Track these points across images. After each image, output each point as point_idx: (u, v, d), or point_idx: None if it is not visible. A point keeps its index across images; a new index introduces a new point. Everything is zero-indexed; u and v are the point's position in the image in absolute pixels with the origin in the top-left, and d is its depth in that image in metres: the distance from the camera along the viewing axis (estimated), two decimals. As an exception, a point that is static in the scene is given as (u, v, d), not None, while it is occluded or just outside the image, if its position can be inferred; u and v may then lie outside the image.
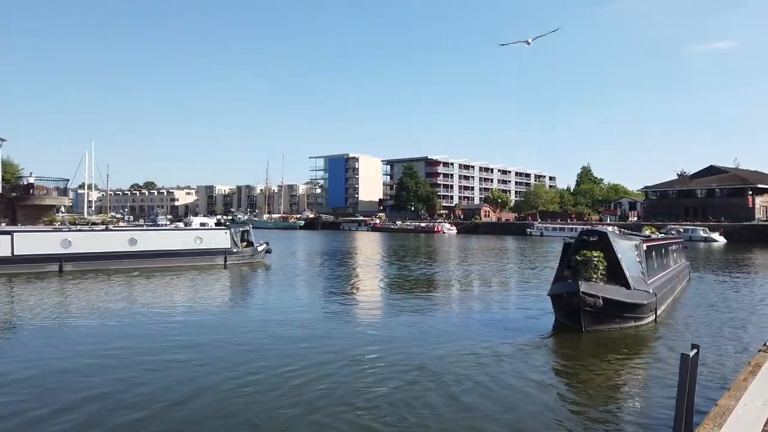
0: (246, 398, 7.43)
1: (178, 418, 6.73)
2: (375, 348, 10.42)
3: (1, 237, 22.15)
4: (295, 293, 18.50)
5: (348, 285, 21.19)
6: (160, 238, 26.48)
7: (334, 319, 13.79)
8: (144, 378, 8.27)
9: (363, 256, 36.69)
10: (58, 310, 14.42)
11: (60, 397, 7.41)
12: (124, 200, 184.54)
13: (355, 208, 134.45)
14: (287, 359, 9.36)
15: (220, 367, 8.89)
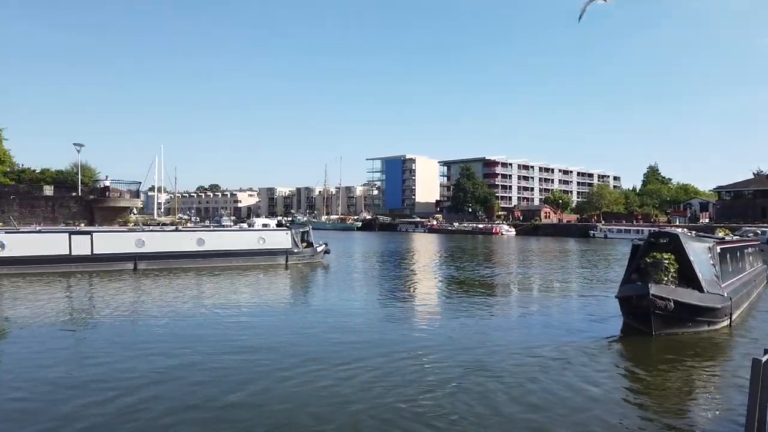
0: (305, 394, 7.63)
1: (242, 411, 7.00)
2: (433, 347, 10.47)
3: (82, 237, 23.64)
4: (353, 293, 18.78)
5: (405, 286, 21.30)
6: (225, 238, 27.49)
7: (392, 318, 13.92)
8: (208, 371, 8.64)
9: (420, 257, 36.72)
10: (132, 306, 15.25)
11: (126, 387, 7.86)
12: (190, 202, 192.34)
13: (411, 210, 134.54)
14: (345, 357, 9.54)
15: (282, 363, 9.15)
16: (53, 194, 48.82)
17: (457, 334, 11.72)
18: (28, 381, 8.10)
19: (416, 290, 20.13)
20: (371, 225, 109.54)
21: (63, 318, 13.51)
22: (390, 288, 20.13)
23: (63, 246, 22.97)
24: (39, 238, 23.26)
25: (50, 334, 11.45)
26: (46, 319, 13.00)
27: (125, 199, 50.64)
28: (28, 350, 10.06)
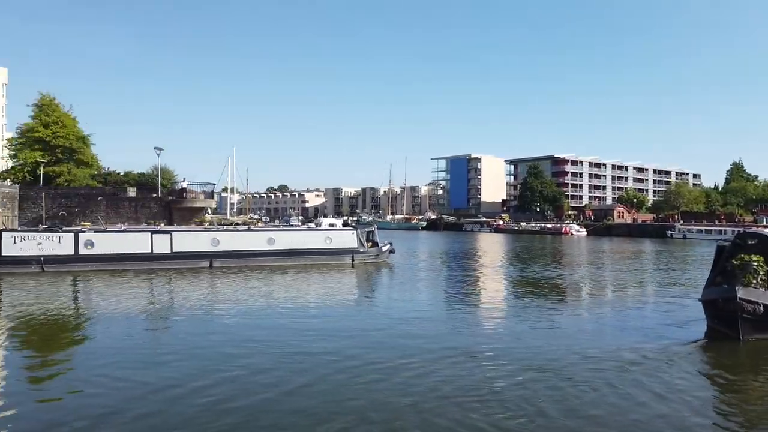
0: (363, 387, 7.76)
1: (301, 401, 7.19)
2: (499, 347, 10.36)
3: (162, 236, 24.99)
4: (418, 292, 18.80)
5: (470, 285, 21.09)
6: (294, 238, 28.23)
7: (456, 317, 13.85)
8: (273, 365, 8.91)
9: (485, 257, 36.22)
10: (208, 302, 15.98)
11: (197, 376, 8.24)
12: (260, 202, 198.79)
13: (477, 209, 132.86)
14: (410, 356, 9.58)
15: (346, 359, 9.33)
16: (136, 195, 51.87)
17: (525, 336, 11.51)
18: (110, 372, 8.67)
19: (482, 290, 19.90)
20: (436, 225, 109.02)
21: (145, 312, 14.37)
22: (455, 288, 20.01)
23: (145, 244, 24.37)
24: (124, 237, 24.79)
25: (133, 327, 12.21)
26: (130, 313, 13.86)
27: (201, 200, 53.06)
28: (113, 341, 10.78)
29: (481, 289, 20.38)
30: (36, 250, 22.56)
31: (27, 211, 47.60)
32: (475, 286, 21.14)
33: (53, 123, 56.55)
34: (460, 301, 16.74)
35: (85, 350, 10.66)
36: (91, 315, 14.03)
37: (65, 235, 23.51)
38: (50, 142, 55.81)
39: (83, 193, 50.97)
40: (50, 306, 14.77)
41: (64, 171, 56.33)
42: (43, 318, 13.16)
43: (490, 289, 20.17)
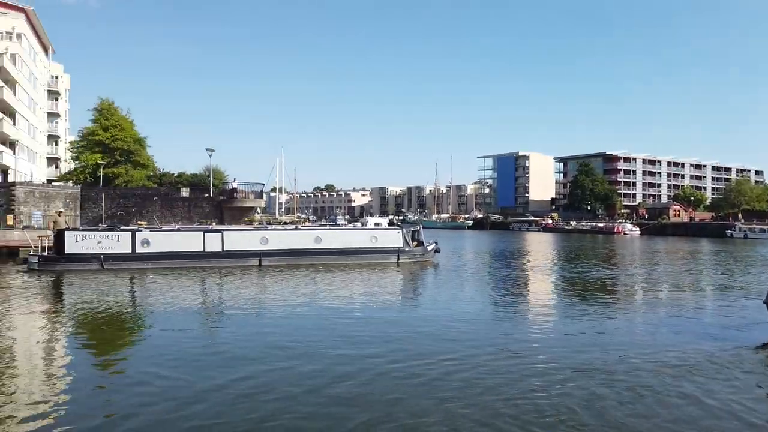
0: (407, 388, 7.78)
1: (344, 401, 7.32)
2: (542, 347, 10.23)
3: (214, 235, 25.79)
4: (463, 291, 18.73)
5: (517, 285, 20.84)
6: (340, 236, 28.58)
7: (502, 317, 13.74)
8: (320, 363, 9.08)
9: (533, 256, 35.64)
10: (257, 300, 16.42)
11: (242, 371, 8.51)
12: (307, 202, 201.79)
13: (525, 208, 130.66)
14: (453, 354, 9.59)
15: (389, 357, 9.40)
16: (189, 196, 53.67)
17: (571, 337, 11.31)
18: (161, 363, 9.07)
19: (529, 290, 19.64)
20: (482, 224, 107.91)
21: (198, 309, 14.92)
22: (501, 287, 19.83)
23: (198, 243, 25.21)
24: (178, 236, 25.72)
25: (186, 323, 12.70)
26: (183, 309, 14.42)
27: (250, 199, 54.43)
28: (166, 336, 11.27)
29: (527, 289, 20.12)
30: (96, 248, 23.68)
31: (88, 211, 50.00)
32: (521, 286, 20.89)
33: (112, 126, 59.22)
34: (505, 301, 16.59)
35: (140, 343, 11.19)
36: (147, 310, 14.68)
37: (123, 234, 24.59)
38: (109, 145, 58.48)
39: (140, 193, 53.15)
40: (110, 301, 15.53)
41: (122, 172, 58.91)
42: (104, 312, 13.85)
43: (537, 289, 19.89)
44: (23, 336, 11.65)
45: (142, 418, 6.61)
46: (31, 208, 44.25)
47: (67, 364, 9.49)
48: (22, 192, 44.09)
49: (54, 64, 74.42)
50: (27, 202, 44.26)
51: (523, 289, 20.01)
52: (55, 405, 7.13)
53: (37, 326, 12.65)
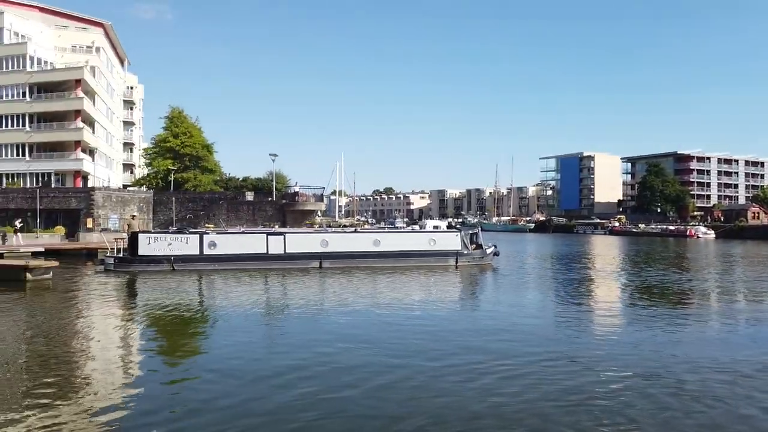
0: (461, 391, 7.73)
1: (397, 403, 7.36)
2: (609, 354, 9.90)
3: (277, 237, 26.53)
4: (523, 296, 18.38)
5: (581, 290, 20.21)
6: (399, 239, 28.71)
7: (564, 323, 13.38)
8: (378, 364, 9.17)
9: (599, 260, 34.46)
10: (317, 300, 16.78)
11: (301, 370, 8.71)
12: (367, 205, 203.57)
13: (590, 210, 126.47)
14: (510, 358, 9.46)
15: (446, 360, 9.38)
16: (253, 199, 55.36)
17: (638, 343, 10.87)
18: (225, 365, 9.44)
19: (594, 295, 19.04)
20: (545, 227, 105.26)
21: (261, 309, 15.42)
22: (563, 292, 19.31)
23: (261, 245, 26.01)
24: (243, 239, 26.64)
25: (249, 322, 13.16)
26: (247, 309, 14.95)
27: (311, 203, 55.54)
28: (231, 334, 11.72)
29: (592, 293, 19.51)
30: (167, 250, 24.90)
31: (160, 215, 52.57)
32: (585, 290, 20.26)
33: (182, 133, 62.04)
34: (568, 306, 16.15)
35: (206, 341, 11.72)
36: (214, 310, 15.33)
37: (192, 236, 25.73)
38: (179, 151, 61.26)
39: (207, 197, 55.33)
40: (180, 301, 16.32)
41: (191, 177, 61.56)
42: (174, 311, 14.57)
43: (602, 294, 19.25)
44: (100, 332, 12.43)
45: (204, 413, 6.92)
46: (108, 211, 47.03)
47: (138, 359, 10.07)
48: (100, 196, 46.94)
49: (129, 75, 78.80)
50: (105, 206, 47.07)
51: (587, 293, 19.41)
52: (126, 397, 7.60)
53: (112, 323, 13.47)
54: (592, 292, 20.06)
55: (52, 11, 59.85)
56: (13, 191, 48.82)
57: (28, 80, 52.22)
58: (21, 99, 52.38)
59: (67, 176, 52.44)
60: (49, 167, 52.23)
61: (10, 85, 52.70)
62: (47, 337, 11.44)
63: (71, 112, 52.57)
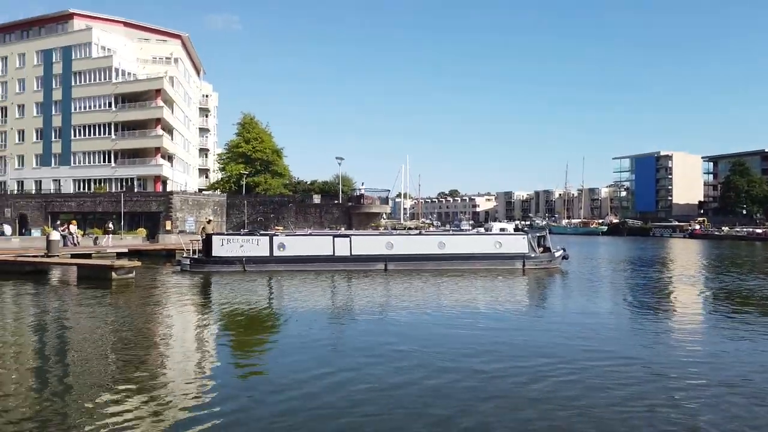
0: (530, 401, 7.57)
1: (457, 404, 7.31)
2: (686, 363, 9.41)
3: (343, 239, 26.98)
4: (595, 301, 17.72)
5: (655, 295, 19.25)
6: (464, 242, 28.47)
7: (638, 330, 12.83)
8: (435, 369, 9.14)
9: (678, 266, 32.69)
10: (382, 303, 16.91)
11: (364, 372, 8.81)
12: (432, 207, 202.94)
13: (668, 213, 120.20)
14: (580, 364, 9.17)
15: (512, 364, 9.23)
16: (320, 202, 56.56)
17: (719, 353, 10.27)
18: (293, 362, 9.71)
19: (669, 300, 18.11)
20: (618, 229, 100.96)
21: (327, 310, 15.79)
22: (636, 297, 18.49)
23: (328, 247, 26.52)
24: (310, 241, 27.28)
25: (316, 322, 13.48)
26: (315, 310, 15.34)
27: (376, 205, 56.05)
28: (298, 334, 12.05)
29: (667, 298, 18.57)
30: (239, 251, 25.86)
31: (232, 217, 54.70)
32: (660, 295, 19.30)
33: (253, 139, 64.36)
34: (644, 314, 15.43)
35: (275, 339, 12.13)
36: (283, 310, 15.81)
37: (262, 238, 26.61)
38: (251, 156, 63.57)
39: (277, 200, 57.04)
40: (251, 300, 16.96)
41: (261, 181, 63.73)
42: (246, 310, 15.17)
43: (679, 299, 18.29)
44: (178, 327, 13.16)
45: (274, 406, 7.19)
46: (185, 214, 49.48)
47: (212, 352, 10.58)
48: (178, 200, 49.47)
49: (204, 84, 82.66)
50: (182, 209, 49.55)
51: (662, 299, 18.49)
52: (200, 387, 8.02)
53: (189, 320, 14.22)
54: (668, 297, 19.08)
55: (135, 25, 63.79)
56: (100, 195, 52.36)
57: (114, 91, 55.91)
58: (107, 109, 56.15)
59: (148, 181, 55.63)
60: (132, 173, 55.64)
61: (98, 96, 56.62)
62: (130, 331, 12.23)
63: (152, 120, 55.77)
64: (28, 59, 59.49)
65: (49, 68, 58.30)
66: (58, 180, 57.89)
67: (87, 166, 56.96)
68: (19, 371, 9.08)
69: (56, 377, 8.67)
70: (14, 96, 60.19)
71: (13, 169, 60.29)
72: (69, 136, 57.51)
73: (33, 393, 7.88)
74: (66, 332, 12.46)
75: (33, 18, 60.90)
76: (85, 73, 57.03)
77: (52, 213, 51.78)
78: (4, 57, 60.72)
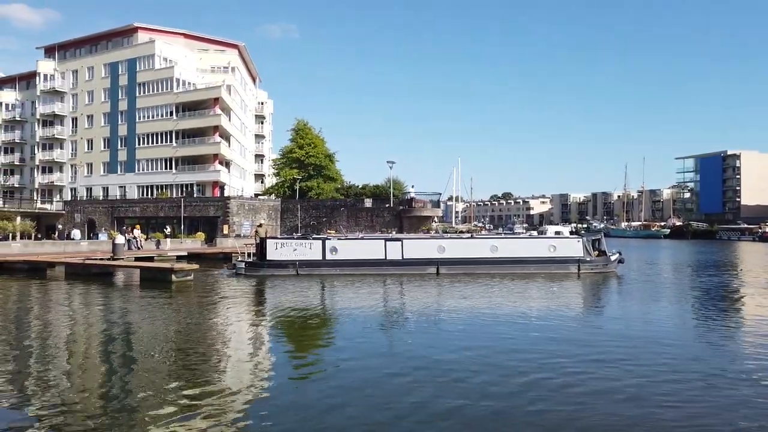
0: (587, 413, 7.32)
1: (513, 410, 7.14)
2: (755, 375, 8.85)
3: (394, 243, 26.96)
4: (653, 307, 16.97)
5: (718, 303, 18.22)
6: (517, 245, 27.93)
7: (705, 338, 12.19)
8: (486, 375, 8.98)
9: (747, 270, 30.92)
10: (434, 308, 16.80)
11: (416, 376, 8.74)
12: (484, 210, 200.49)
13: (736, 214, 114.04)
14: (644, 377, 8.79)
15: (564, 369, 8.96)
16: (372, 206, 56.89)
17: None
18: (345, 364, 9.77)
19: (733, 308, 17.16)
20: (682, 232, 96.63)
21: (379, 313, 15.80)
22: (698, 304, 17.59)
23: (380, 251, 26.57)
24: (362, 244, 27.41)
25: (369, 328, 13.53)
26: (367, 314, 15.40)
27: (428, 209, 55.89)
28: (350, 339, 12.14)
29: (731, 306, 17.60)
30: (292, 255, 26.24)
31: (286, 221, 55.83)
32: (724, 303, 18.30)
33: (306, 144, 65.48)
34: (709, 321, 14.65)
35: (328, 342, 12.25)
36: (336, 313, 16.00)
37: (315, 242, 26.91)
38: (304, 161, 64.70)
39: (329, 204, 57.80)
40: (304, 303, 17.23)
41: (314, 186, 64.73)
42: (299, 312, 15.42)
43: (749, 309, 17.28)
44: (234, 329, 13.52)
45: (322, 407, 7.27)
46: (242, 218, 50.89)
47: (267, 354, 10.81)
48: (234, 205, 50.93)
49: (260, 92, 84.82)
50: (239, 213, 50.98)
51: (725, 307, 17.53)
52: (254, 387, 8.20)
53: (245, 321, 14.60)
54: (733, 305, 18.08)
55: (194, 36, 66.27)
56: (162, 201, 54.61)
57: (175, 100, 58.25)
58: (169, 118, 58.55)
59: (207, 186, 57.58)
60: (192, 179, 57.74)
61: (161, 105, 59.15)
62: (188, 331, 12.68)
63: (210, 128, 57.73)
64: (96, 72, 62.87)
65: (116, 80, 61.42)
66: (123, 186, 60.79)
67: (150, 173, 59.54)
68: (82, 369, 9.59)
69: (116, 376, 9.11)
70: (84, 107, 63.74)
71: (83, 177, 63.77)
72: (134, 145, 60.34)
73: (95, 390, 8.29)
74: (127, 332, 13.03)
75: (101, 33, 64.31)
76: (148, 84, 59.71)
77: (118, 218, 54.43)
78: (75, 71, 64.42)
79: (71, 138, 64.81)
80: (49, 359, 10.23)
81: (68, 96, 64.80)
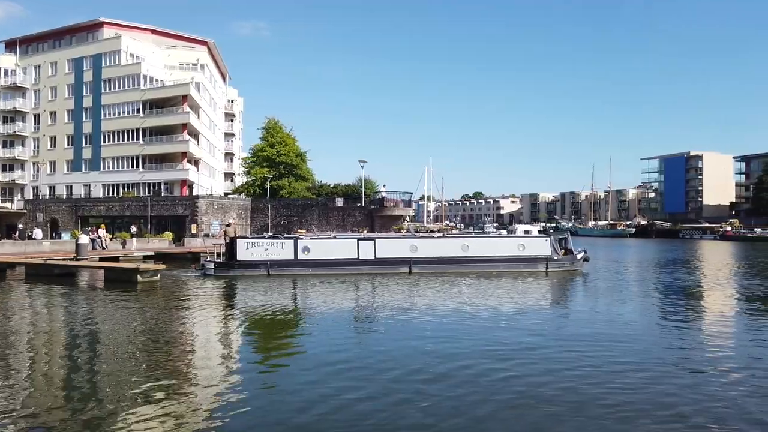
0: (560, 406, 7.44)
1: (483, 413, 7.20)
2: (725, 366, 9.12)
3: (367, 242, 26.88)
4: (617, 304, 17.26)
5: (681, 298, 18.70)
6: (487, 244, 28.21)
7: (664, 332, 12.51)
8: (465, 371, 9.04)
9: (708, 268, 31.85)
10: (407, 306, 16.79)
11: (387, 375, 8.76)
12: (456, 209, 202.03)
13: (697, 214, 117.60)
14: (612, 372, 8.97)
15: (535, 373, 9.09)
16: (343, 205, 56.72)
17: (756, 358, 9.94)
18: (317, 362, 9.71)
19: (699, 305, 17.65)
20: (647, 231, 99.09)
21: (352, 312, 15.76)
22: (663, 301, 18.02)
23: (353, 251, 26.43)
24: (335, 244, 27.27)
25: (342, 327, 13.46)
26: (340, 313, 15.34)
27: (399, 208, 56.03)
28: (323, 339, 12.07)
29: (699, 303, 18.09)
30: (263, 255, 25.87)
31: (257, 221, 55.25)
32: (687, 298, 18.79)
33: (277, 143, 64.86)
34: (669, 316, 15.02)
35: (300, 343, 12.11)
36: (308, 313, 15.82)
37: (287, 241, 26.58)
38: (275, 160, 64.08)
39: (300, 204, 57.42)
40: (276, 303, 17.05)
41: (285, 185, 64.17)
42: (271, 314, 15.23)
43: (712, 303, 17.81)
44: (202, 329, 13.28)
45: (297, 404, 7.19)
46: (210, 218, 50.16)
47: (236, 354, 10.65)
48: (203, 204, 50.17)
49: (230, 89, 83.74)
50: (207, 212, 50.23)
51: (688, 302, 18.01)
52: (225, 386, 8.05)
53: (213, 322, 14.35)
54: (700, 301, 18.59)
55: (162, 32, 65.00)
56: (128, 200, 53.45)
57: (142, 97, 57.04)
58: (136, 115, 57.30)
59: (175, 185, 56.55)
60: (159, 177, 56.63)
61: (127, 102, 57.84)
62: (154, 332, 12.40)
63: (179, 126, 56.71)
64: (59, 67, 61.12)
65: (80, 76, 59.80)
66: (88, 185, 59.26)
67: (116, 171, 58.19)
68: (47, 372, 9.28)
69: (82, 378, 8.84)
70: (47, 104, 61.89)
71: (46, 175, 61.96)
72: (99, 142, 58.85)
73: (60, 393, 8.04)
74: (91, 334, 12.67)
75: (65, 27, 62.52)
76: (114, 80, 58.32)
77: (82, 217, 53.07)
78: (37, 66, 62.51)
79: (33, 135, 62.89)
80: (10, 363, 9.87)
81: (30, 92, 62.84)
